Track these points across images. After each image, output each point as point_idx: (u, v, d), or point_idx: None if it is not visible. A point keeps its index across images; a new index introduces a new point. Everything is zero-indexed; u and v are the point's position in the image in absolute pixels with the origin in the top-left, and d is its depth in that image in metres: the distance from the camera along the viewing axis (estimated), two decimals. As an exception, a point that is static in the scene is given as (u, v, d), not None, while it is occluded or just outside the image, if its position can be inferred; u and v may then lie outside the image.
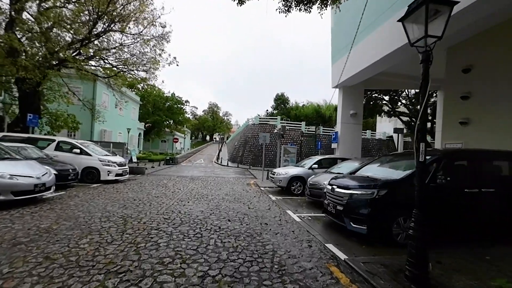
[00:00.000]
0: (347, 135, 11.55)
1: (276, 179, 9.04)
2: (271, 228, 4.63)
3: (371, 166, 5.41)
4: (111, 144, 13.41)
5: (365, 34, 9.61)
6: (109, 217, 4.72)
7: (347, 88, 11.48)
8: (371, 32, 9.22)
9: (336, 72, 11.82)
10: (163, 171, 16.00)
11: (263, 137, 12.95)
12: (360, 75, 10.67)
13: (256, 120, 27.86)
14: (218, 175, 15.52)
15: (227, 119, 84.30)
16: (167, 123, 43.66)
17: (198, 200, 6.91)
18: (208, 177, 13.61)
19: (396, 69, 11.01)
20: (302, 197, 8.57)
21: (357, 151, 11.58)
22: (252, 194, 8.74)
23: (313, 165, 9.03)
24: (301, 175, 8.89)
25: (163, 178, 12.15)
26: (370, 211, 3.84)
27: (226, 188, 9.82)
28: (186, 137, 63.77)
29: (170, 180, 11.24)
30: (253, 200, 7.54)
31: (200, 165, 24.09)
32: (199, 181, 11.68)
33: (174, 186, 9.38)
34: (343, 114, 11.54)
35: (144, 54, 14.65)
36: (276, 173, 9.21)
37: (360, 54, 10.22)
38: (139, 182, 10.04)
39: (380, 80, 11.91)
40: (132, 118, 32.46)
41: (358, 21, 8.43)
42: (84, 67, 14.72)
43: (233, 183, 11.70)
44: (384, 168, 5.06)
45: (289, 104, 44.05)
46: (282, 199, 7.98)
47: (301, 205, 7.14)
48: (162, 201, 6.47)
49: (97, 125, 23.68)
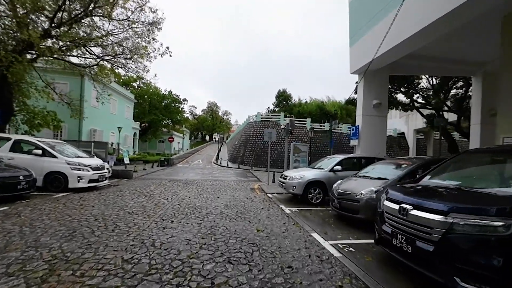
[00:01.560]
0: (370, 129, 9.66)
1: (289, 185, 7.17)
2: (302, 278, 2.75)
3: (445, 170, 3.54)
4: (92, 143, 11.54)
5: (393, 4, 7.73)
6: (25, 261, 2.83)
7: (369, 73, 9.60)
8: (402, 2, 7.33)
9: (355, 55, 9.95)
10: (155, 174, 14.14)
11: (268, 134, 11.09)
12: (385, 58, 8.80)
13: (257, 117, 25.99)
14: (217, 178, 13.65)
15: (226, 118, 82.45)
16: (164, 123, 41.78)
17: (187, 218, 5.03)
18: (205, 181, 11.74)
19: (429, 50, 9.14)
20: (323, 207, 6.70)
21: (381, 148, 9.71)
22: (259, 204, 6.87)
23: (335, 167, 7.16)
24: (321, 180, 7.02)
25: (151, 183, 10.28)
26: (503, 262, 1.96)
27: (226, 196, 7.95)
28: (185, 137, 61.88)
29: (159, 186, 9.37)
30: (261, 214, 5.67)
31: (198, 166, 22.22)
32: (194, 186, 9.81)
33: (161, 195, 7.51)
34: (365, 105, 9.66)
35: (129, 39, 12.72)
36: (288, 177, 7.34)
37: (385, 31, 8.35)
38: (118, 190, 8.17)
39: (408, 65, 10.04)
40: (126, 117, 30.61)
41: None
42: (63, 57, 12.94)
43: (234, 188, 9.83)
44: (482, 174, 3.18)
45: (291, 101, 42.17)
46: (299, 212, 6.11)
47: (328, 222, 5.26)
48: (135, 222, 4.59)
49: (86, 124, 21.92)
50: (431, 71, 10.79)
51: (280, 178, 8.03)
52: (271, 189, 9.66)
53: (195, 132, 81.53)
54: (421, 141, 27.76)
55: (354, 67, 9.95)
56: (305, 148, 10.28)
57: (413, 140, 25.50)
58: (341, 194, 5.19)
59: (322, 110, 36.77)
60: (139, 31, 13.42)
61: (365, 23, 9.20)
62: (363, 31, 9.46)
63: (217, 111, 79.79)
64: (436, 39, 7.69)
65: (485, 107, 10.31)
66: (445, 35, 7.50)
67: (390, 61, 9.09)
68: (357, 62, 9.79)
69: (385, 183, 4.71)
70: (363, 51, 9.49)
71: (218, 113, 79.64)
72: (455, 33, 7.77)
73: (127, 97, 30.51)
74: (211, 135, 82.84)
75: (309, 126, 25.44)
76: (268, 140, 11.16)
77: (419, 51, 9.08)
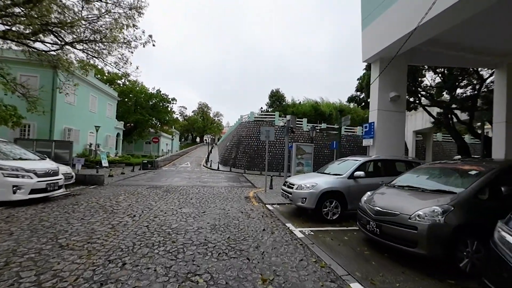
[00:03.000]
0: (386, 126, 8.18)
1: (296, 196, 5.50)
2: None
3: None
4: (53, 143, 9.47)
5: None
6: None
7: (385, 61, 8.16)
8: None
9: (368, 40, 8.49)
10: (133, 179, 12.14)
11: (266, 132, 9.43)
12: (405, 42, 7.37)
13: (251, 117, 24.32)
14: (206, 183, 11.83)
15: (218, 119, 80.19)
16: (151, 123, 39.33)
17: (150, 257, 3.25)
18: (191, 188, 9.91)
19: (450, 36, 7.83)
20: (344, 225, 5.08)
21: (399, 149, 8.25)
22: (258, 222, 5.16)
23: (355, 172, 5.56)
24: (339, 189, 5.40)
25: (124, 191, 8.35)
26: None
27: (215, 209, 6.19)
28: (175, 138, 59.16)
29: (131, 196, 7.47)
30: (263, 242, 3.96)
31: (185, 169, 20.23)
32: (176, 195, 7.98)
33: (128, 210, 5.65)
34: (381, 98, 8.18)
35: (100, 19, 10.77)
36: (295, 186, 5.66)
37: (406, 10, 6.95)
38: (73, 203, 6.23)
39: (427, 53, 8.68)
40: (107, 115, 28.21)
41: None
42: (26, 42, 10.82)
43: (225, 197, 8.07)
44: None
45: (285, 101, 40.80)
46: (314, 235, 4.45)
47: (363, 255, 3.61)
48: (59, 268, 2.78)
49: (59, 122, 19.54)
50: (450, 61, 9.51)
51: (283, 186, 6.34)
52: (270, 198, 7.98)
53: (185, 133, 78.80)
54: (420, 143, 26.95)
55: (367, 53, 8.48)
56: (309, 149, 8.65)
57: (412, 142, 24.57)
58: (381, 213, 3.57)
59: (317, 111, 35.62)
60: (115, 14, 11.51)
61: (381, 2, 7.77)
62: (377, 11, 8.03)
63: (208, 112, 77.46)
64: (460, 23, 6.40)
65: (511, 103, 9.12)
66: (469, 20, 6.22)
67: (409, 46, 7.67)
68: (370, 48, 8.33)
69: (453, 199, 3.13)
70: (378, 35, 8.04)
71: (209, 114, 77.30)
72: (479, 18, 6.53)
73: (109, 94, 28.12)
74: (202, 136, 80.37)
75: (305, 127, 24.03)
76: (265, 140, 9.50)
77: (440, 37, 7.75)
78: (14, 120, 13.24)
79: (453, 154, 27.31)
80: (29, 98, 11.02)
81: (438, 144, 28.55)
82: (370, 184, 5.57)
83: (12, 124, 13.10)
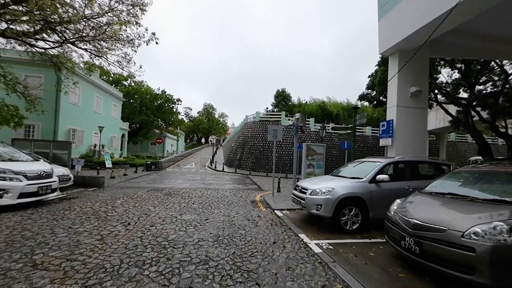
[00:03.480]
0: (407, 124, 7.44)
1: (310, 203, 4.85)
2: None
3: None
4: (51, 143, 9.08)
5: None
6: None
7: (405, 54, 7.45)
8: None
9: (385, 31, 7.77)
10: (135, 181, 11.69)
11: (273, 131, 8.82)
12: (426, 33, 6.65)
13: (256, 117, 23.73)
14: (210, 185, 11.27)
15: (223, 120, 79.92)
16: (156, 124, 39.21)
17: (138, 280, 2.67)
18: (194, 190, 9.36)
19: (482, 24, 7.06)
20: (366, 236, 4.41)
21: (422, 149, 7.49)
22: (267, 232, 4.54)
23: (378, 176, 4.88)
24: (359, 195, 4.73)
25: (123, 194, 7.86)
26: None
27: (218, 215, 5.59)
28: (180, 139, 59.12)
29: (130, 200, 6.95)
30: (275, 259, 3.34)
31: (190, 170, 19.76)
32: (178, 199, 7.43)
33: (123, 217, 5.11)
34: (400, 94, 7.45)
35: (102, 17, 10.39)
36: (309, 191, 5.01)
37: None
38: (66, 208, 5.74)
39: (451, 44, 7.92)
40: (112, 116, 28.09)
41: None
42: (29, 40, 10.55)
43: (230, 201, 7.47)
44: None
45: (291, 101, 40.05)
46: (334, 250, 3.80)
47: (399, 280, 2.94)
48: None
49: (63, 122, 19.37)
50: (475, 53, 8.70)
51: (294, 191, 5.70)
52: (278, 203, 7.34)
53: (190, 134, 78.86)
54: (432, 143, 25.81)
55: (384, 45, 7.77)
56: (321, 149, 7.95)
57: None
58: (421, 228, 2.90)
59: (324, 111, 34.79)
60: (117, 12, 11.15)
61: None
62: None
63: (213, 113, 77.28)
64: (489, 10, 5.66)
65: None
66: (501, 4, 5.48)
67: (431, 37, 6.94)
68: (388, 39, 7.62)
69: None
70: (396, 25, 7.33)
71: (214, 115, 77.12)
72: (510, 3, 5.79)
73: (114, 95, 28.01)
74: (207, 137, 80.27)
75: (313, 127, 23.30)
76: (272, 140, 8.89)
77: (465, 26, 6.99)
78: (16, 120, 13.03)
79: (468, 155, 26.05)
80: (28, 97, 10.69)
81: (451, 144, 27.33)
82: (395, 189, 4.89)
83: (14, 124, 12.88)
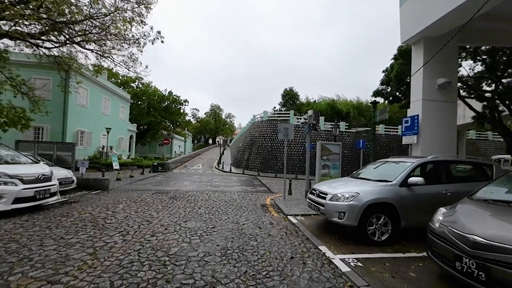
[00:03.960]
0: (434, 120, 6.68)
1: (331, 209, 4.23)
2: None
3: None
4: (55, 145, 8.82)
5: None
6: None
7: (431, 42, 6.70)
8: None
9: (408, 18, 7.04)
10: (141, 183, 11.35)
11: (284, 130, 8.23)
12: (456, 16, 5.91)
13: (264, 116, 23.15)
14: (217, 187, 10.78)
15: (230, 121, 79.75)
16: (164, 125, 39.28)
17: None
18: (201, 193, 8.88)
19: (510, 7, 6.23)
20: (398, 250, 3.75)
21: (451, 148, 6.72)
22: (282, 243, 3.96)
23: (410, 178, 4.21)
24: (388, 201, 4.08)
25: (127, 197, 7.46)
26: None
27: (227, 223, 5.05)
28: (187, 140, 59.25)
29: (133, 204, 6.52)
30: (296, 282, 2.75)
31: (197, 172, 19.40)
32: (183, 203, 6.95)
33: (122, 224, 4.65)
34: (426, 86, 6.70)
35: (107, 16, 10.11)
36: (329, 196, 4.39)
37: None
38: (65, 213, 5.35)
39: (483, 31, 7.11)
40: (120, 118, 28.15)
41: None
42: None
43: (239, 205, 6.93)
44: None
45: (299, 100, 39.23)
46: (365, 267, 3.17)
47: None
48: None
49: (72, 124, 19.42)
50: (509, 40, 7.80)
51: (311, 195, 5.08)
52: (291, 207, 6.74)
53: (198, 135, 79.15)
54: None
55: (407, 33, 7.03)
56: (336, 148, 7.25)
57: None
58: (486, 248, 2.25)
59: (334, 109, 33.78)
60: (122, 8, 10.89)
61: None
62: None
63: (220, 113, 77.25)
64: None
65: None
66: None
67: (460, 23, 6.18)
68: (411, 26, 6.88)
69: None
70: (421, 10, 6.59)
71: (221, 116, 77.07)
72: None
73: (121, 97, 28.07)
74: (214, 138, 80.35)
75: (323, 126, 22.50)
76: (283, 139, 8.30)
77: (500, 9, 6.19)
78: (23, 122, 12.97)
79: (489, 154, 24.57)
80: (32, 98, 10.53)
81: (471, 142, 25.87)
82: (430, 194, 4.22)
83: (21, 126, 12.81)
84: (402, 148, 23.17)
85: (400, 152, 22.96)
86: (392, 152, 22.90)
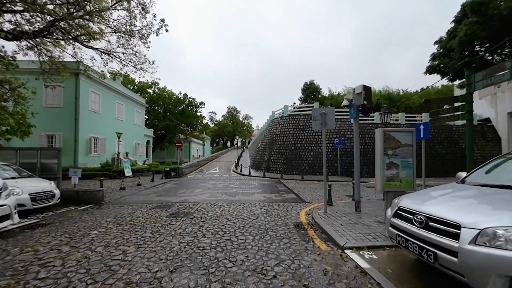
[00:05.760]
0: None
1: (482, 267, 1.80)
2: None
3: None
4: (39, 152, 7.31)
5: None
6: None
7: None
8: None
9: None
10: (145, 192, 9.58)
11: (321, 116, 5.87)
12: None
13: (285, 111, 20.70)
14: (234, 196, 8.64)
15: (247, 122, 78.06)
16: (181, 128, 38.45)
17: None
18: (212, 206, 6.78)
19: None
20: None
21: None
22: None
23: None
24: None
25: (114, 217, 5.56)
26: None
27: (245, 272, 2.80)
28: (206, 143, 58.53)
29: (113, 229, 4.56)
30: None
31: (213, 176, 17.51)
32: (184, 224, 4.86)
33: (57, 283, 2.62)
34: None
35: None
36: (466, 232, 1.97)
37: None
38: (4, 248, 3.50)
39: None
40: (136, 123, 27.41)
41: None
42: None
43: (264, 227, 4.66)
44: None
45: (320, 94, 36.08)
46: None
47: None
48: None
49: (84, 131, 18.60)
50: None
51: (399, 221, 2.65)
52: (342, 228, 4.32)
53: (216, 138, 78.62)
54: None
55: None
56: (408, 138, 4.61)
57: (507, 128, 18.07)
58: None
59: (362, 101, 30.30)
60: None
61: None
62: None
63: (238, 115, 75.94)
64: None
65: None
66: None
67: None
68: None
69: None
70: None
71: (238, 118, 75.73)
72: None
73: (136, 101, 27.33)
74: (232, 140, 79.26)
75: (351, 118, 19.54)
76: (319, 129, 5.93)
77: None
78: (23, 129, 11.97)
79: None
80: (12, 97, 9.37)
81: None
82: None
83: (21, 133, 11.81)
84: (453, 139, 19.32)
85: (451, 144, 19.16)
86: (441, 144, 19.18)
